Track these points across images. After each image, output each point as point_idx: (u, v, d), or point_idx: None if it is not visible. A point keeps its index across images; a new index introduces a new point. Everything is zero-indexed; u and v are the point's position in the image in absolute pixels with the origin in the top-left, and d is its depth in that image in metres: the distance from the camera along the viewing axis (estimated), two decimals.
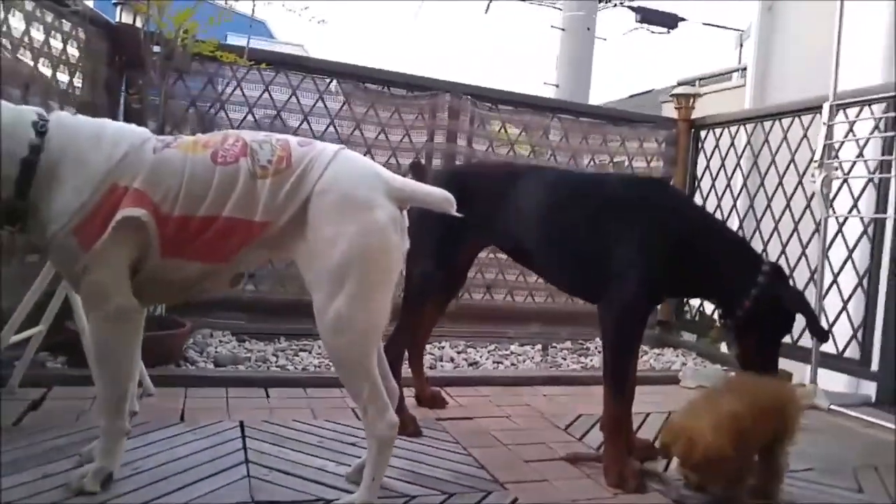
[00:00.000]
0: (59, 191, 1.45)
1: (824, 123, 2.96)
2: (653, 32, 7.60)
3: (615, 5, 7.54)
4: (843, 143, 3.09)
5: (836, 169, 2.98)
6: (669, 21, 7.53)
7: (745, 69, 5.83)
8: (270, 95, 3.56)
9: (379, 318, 1.52)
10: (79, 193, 1.45)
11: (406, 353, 2.48)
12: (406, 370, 2.53)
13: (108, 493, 1.53)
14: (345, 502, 1.54)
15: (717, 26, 7.64)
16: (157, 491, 1.57)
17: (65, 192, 1.45)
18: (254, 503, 1.56)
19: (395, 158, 3.77)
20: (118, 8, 3.22)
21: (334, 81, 3.74)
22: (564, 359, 3.55)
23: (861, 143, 3.14)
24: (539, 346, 3.74)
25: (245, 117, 3.53)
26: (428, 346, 3.47)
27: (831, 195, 3.01)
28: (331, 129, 3.68)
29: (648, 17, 7.50)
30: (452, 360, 3.31)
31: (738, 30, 6.65)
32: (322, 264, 1.47)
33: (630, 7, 7.51)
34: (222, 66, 3.44)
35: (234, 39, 3.73)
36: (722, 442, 1.63)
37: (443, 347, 3.50)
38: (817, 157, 2.95)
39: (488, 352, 3.56)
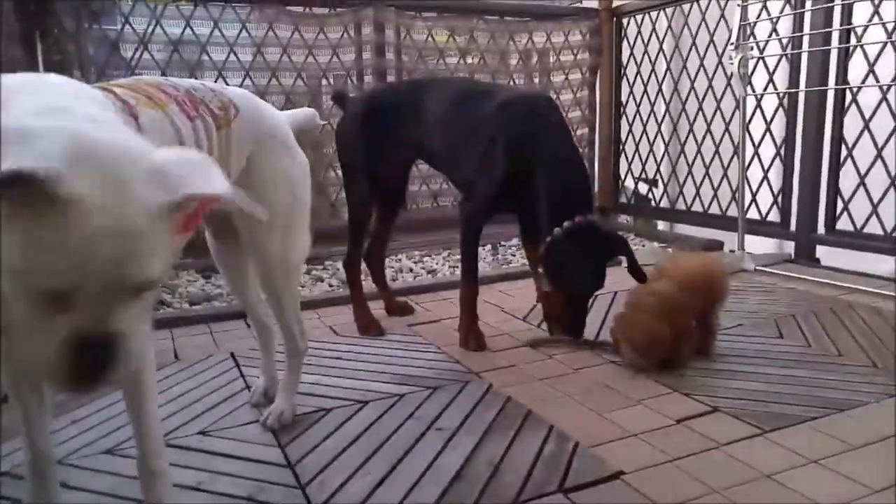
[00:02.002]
0: None
1: (738, 5, 3.12)
2: None
3: None
4: (756, 22, 3.26)
5: (752, 49, 3.17)
6: None
7: None
8: (193, 31, 3.48)
9: (308, 246, 1.66)
10: None
11: (368, 270, 2.66)
12: (370, 287, 2.71)
13: (123, 432, 1.68)
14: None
15: None
16: (177, 421, 1.72)
17: None
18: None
19: (327, 79, 3.78)
20: None
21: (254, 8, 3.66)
22: (513, 255, 3.78)
23: (774, 21, 3.33)
24: (489, 247, 3.96)
25: (171, 56, 3.46)
26: (386, 260, 3.65)
27: (748, 74, 3.21)
28: (258, 58, 3.64)
29: None
30: (411, 270, 3.50)
31: None
32: (273, 207, 1.46)
33: None
34: (138, 4, 3.33)
35: None
36: (662, 328, 1.94)
37: (400, 260, 3.68)
38: (734, 38, 3.12)
39: (443, 258, 3.75)
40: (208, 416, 1.77)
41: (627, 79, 4.42)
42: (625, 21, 4.39)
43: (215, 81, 3.50)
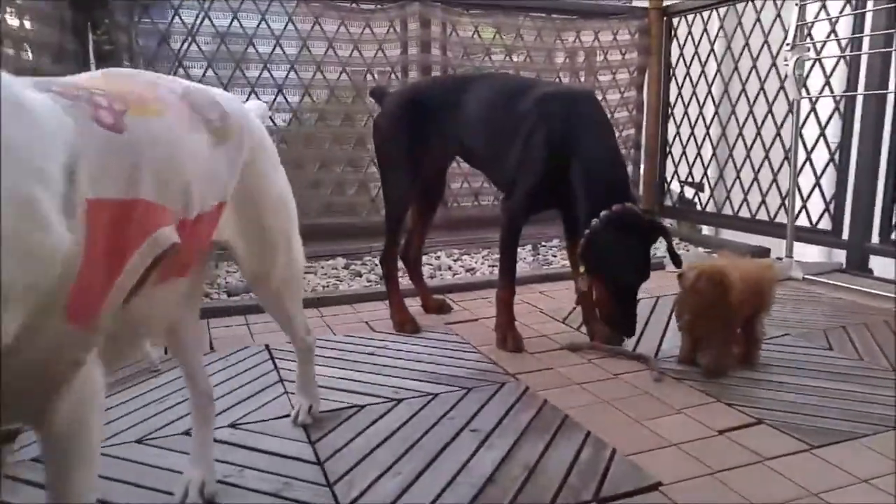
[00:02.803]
0: None
1: (796, 4, 3.01)
2: None
3: None
4: (814, 22, 3.15)
5: (808, 50, 3.06)
6: None
7: None
8: (240, 23, 3.52)
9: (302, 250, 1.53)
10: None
11: (405, 267, 2.65)
12: (408, 283, 2.70)
13: (160, 418, 1.70)
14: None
15: None
16: None
17: None
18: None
19: (371, 75, 3.78)
20: None
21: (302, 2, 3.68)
22: (554, 256, 3.73)
23: (833, 21, 3.21)
24: (529, 247, 3.91)
25: (218, 48, 3.50)
26: (425, 258, 3.64)
27: (804, 76, 3.10)
28: (304, 51, 3.66)
29: None
30: (450, 268, 3.47)
31: None
32: (274, 223, 1.35)
33: None
34: None
35: None
36: (721, 284, 1.89)
37: (438, 257, 3.66)
38: (790, 39, 3.01)
39: (482, 257, 3.72)
40: (240, 408, 1.77)
41: (676, 80, 4.32)
42: (675, 20, 4.29)
43: (259, 74, 3.58)
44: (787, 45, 3.03)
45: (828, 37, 3.22)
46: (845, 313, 2.58)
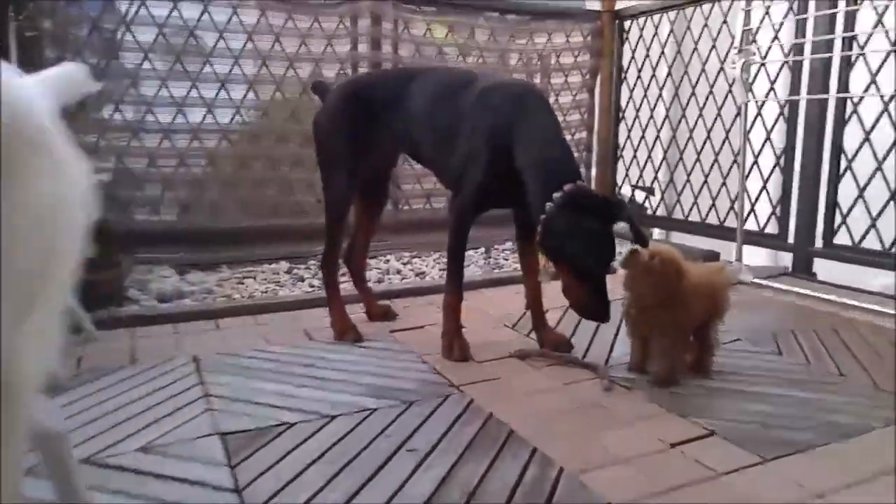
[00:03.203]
0: None
1: (742, 9, 3.00)
2: None
3: None
4: (759, 28, 3.15)
5: (755, 54, 3.05)
6: None
7: None
8: (180, 13, 3.34)
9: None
10: None
11: (348, 272, 2.53)
12: (352, 288, 2.58)
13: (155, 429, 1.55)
14: None
15: None
16: (116, 436, 1.56)
17: None
18: (219, 434, 1.59)
19: (319, 69, 3.65)
20: None
21: None
22: (506, 259, 3.66)
23: (776, 27, 3.22)
24: (482, 250, 3.83)
25: (156, 39, 3.32)
26: (373, 262, 3.53)
27: (750, 80, 3.09)
28: (249, 44, 3.50)
29: None
30: (399, 272, 3.37)
31: None
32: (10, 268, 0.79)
33: None
34: None
35: None
36: (676, 267, 1.84)
37: (388, 261, 3.55)
38: (736, 42, 3.00)
39: (434, 261, 3.62)
40: (153, 429, 1.61)
41: (628, 83, 4.30)
42: (626, 24, 4.27)
43: (201, 69, 3.41)
44: (735, 48, 3.01)
45: (772, 42, 3.22)
46: (793, 317, 2.57)
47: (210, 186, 3.48)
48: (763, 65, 3.24)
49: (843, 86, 2.95)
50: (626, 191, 4.40)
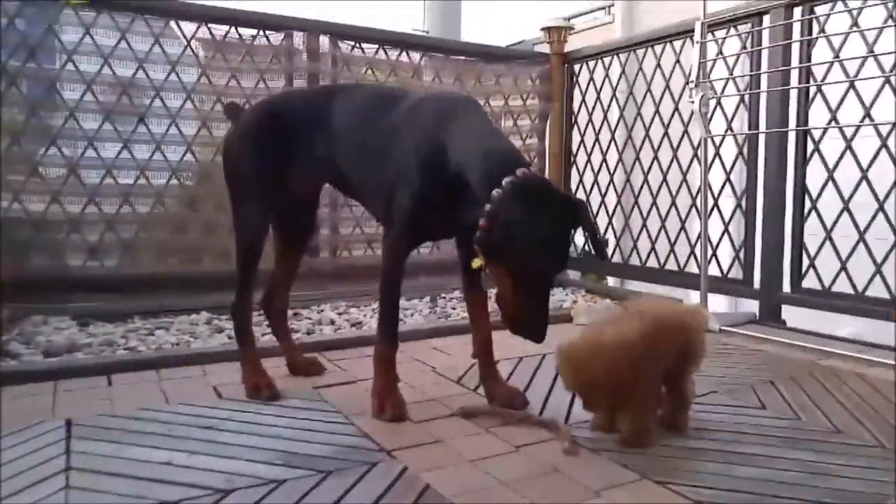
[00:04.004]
0: None
1: (697, 41, 2.87)
2: None
3: None
4: (714, 61, 3.03)
5: (712, 88, 2.91)
6: None
7: (611, 6, 5.78)
8: (93, 40, 3.03)
9: None
10: None
11: (267, 320, 2.20)
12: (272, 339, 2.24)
13: None
14: None
15: None
16: None
17: None
18: None
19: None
20: None
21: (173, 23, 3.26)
22: (454, 308, 3.35)
23: (730, 62, 3.10)
24: (427, 299, 3.52)
25: (63, 67, 2.99)
26: (305, 311, 3.18)
27: (709, 114, 2.94)
28: (172, 76, 3.21)
29: None
30: (333, 322, 3.02)
31: None
32: None
33: None
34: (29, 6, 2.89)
35: None
36: (597, 367, 1.54)
37: (322, 311, 3.20)
38: (693, 77, 2.85)
39: (372, 310, 3.29)
40: None
41: (579, 127, 4.15)
42: (577, 67, 4.15)
43: (118, 99, 3.08)
44: (691, 83, 2.86)
45: (727, 80, 3.10)
46: (769, 367, 2.32)
47: (123, 228, 3.11)
48: (719, 101, 3.10)
49: (803, 121, 2.81)
50: (578, 239, 4.18)
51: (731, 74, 3.08)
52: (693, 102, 2.84)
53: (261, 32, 3.42)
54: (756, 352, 2.53)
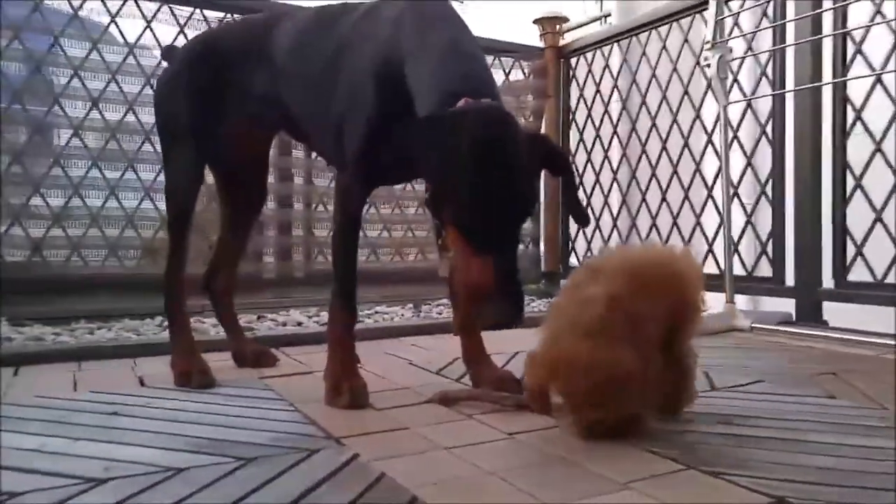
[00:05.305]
0: None
1: None
2: None
3: None
4: (739, 12, 2.69)
5: (731, 51, 2.57)
6: None
7: (607, 16, 5.53)
8: (21, 42, 2.65)
9: None
10: None
11: (210, 300, 1.82)
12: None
13: None
14: None
15: None
16: None
17: None
18: None
19: None
20: None
21: None
22: (440, 314, 2.95)
23: (749, 36, 2.78)
24: (410, 305, 3.13)
25: (51, 108, 2.65)
26: (271, 314, 2.78)
27: (728, 81, 2.59)
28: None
29: None
30: (300, 324, 2.62)
31: None
32: None
33: None
34: None
35: None
36: (619, 354, 1.11)
37: (288, 314, 2.80)
38: (709, 37, 2.52)
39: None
40: None
41: (577, 124, 3.82)
42: (573, 61, 3.85)
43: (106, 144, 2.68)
44: (707, 44, 2.53)
45: (745, 53, 2.77)
46: (820, 360, 1.91)
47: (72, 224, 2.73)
48: (736, 77, 2.76)
49: (841, 91, 2.46)
50: (581, 245, 3.82)
51: (751, 49, 2.74)
52: (709, 66, 2.50)
53: None
54: (806, 348, 2.12)
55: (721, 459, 1.05)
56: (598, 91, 3.66)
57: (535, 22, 3.93)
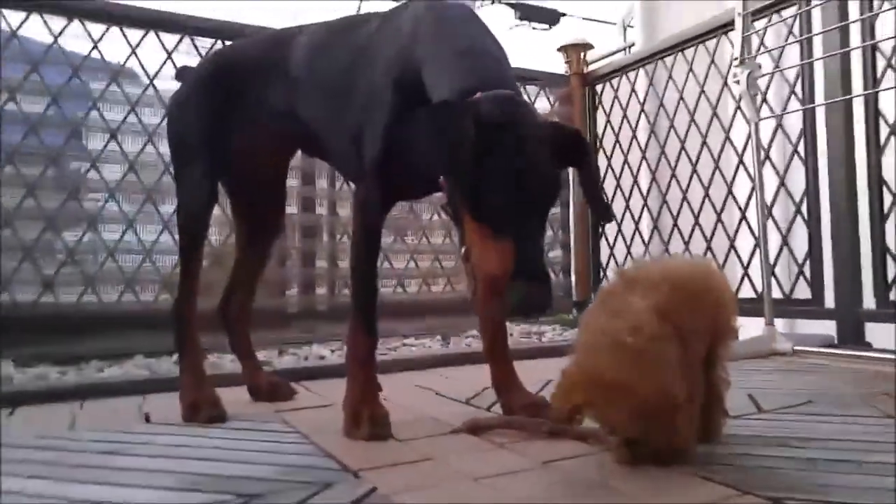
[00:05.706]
0: None
1: (738, 14, 2.47)
2: (535, 29, 7.27)
3: (493, 2, 7.18)
4: (767, 27, 2.62)
5: (760, 67, 2.48)
6: (550, 17, 7.24)
7: (631, 46, 5.51)
8: (101, 113, 2.70)
9: None
10: None
11: (225, 329, 1.76)
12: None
13: None
14: None
15: (597, 20, 7.42)
16: None
17: None
18: None
19: None
20: None
21: None
22: (468, 346, 2.85)
23: (776, 54, 2.70)
24: (438, 337, 3.04)
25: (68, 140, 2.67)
26: (291, 348, 2.70)
27: (758, 97, 2.51)
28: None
29: (528, 14, 7.17)
30: (323, 357, 2.54)
31: (613, 23, 6.39)
32: None
33: (508, 4, 7.17)
34: None
35: None
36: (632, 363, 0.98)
37: (310, 347, 2.73)
38: (737, 53, 2.45)
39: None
40: None
41: (605, 151, 3.74)
42: (598, 87, 3.80)
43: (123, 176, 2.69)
44: (735, 60, 2.45)
45: (774, 69, 2.68)
46: (878, 381, 1.77)
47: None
48: (765, 96, 2.67)
49: (874, 101, 2.37)
50: (613, 273, 3.71)
51: (778, 66, 2.65)
52: (738, 83, 2.41)
53: None
54: (852, 370, 1.98)
55: (782, 483, 0.93)
56: (625, 116, 3.60)
57: (560, 50, 3.90)
